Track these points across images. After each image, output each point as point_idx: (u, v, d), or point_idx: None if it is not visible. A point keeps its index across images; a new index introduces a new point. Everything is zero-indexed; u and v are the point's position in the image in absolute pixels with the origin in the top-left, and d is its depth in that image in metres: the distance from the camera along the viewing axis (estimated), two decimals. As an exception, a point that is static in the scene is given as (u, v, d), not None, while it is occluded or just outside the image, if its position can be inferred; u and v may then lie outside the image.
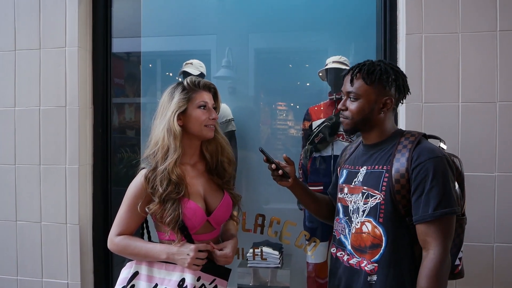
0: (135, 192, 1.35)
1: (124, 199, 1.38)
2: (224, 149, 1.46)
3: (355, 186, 1.31)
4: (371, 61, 1.30)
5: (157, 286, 1.34)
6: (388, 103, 1.27)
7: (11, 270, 2.29)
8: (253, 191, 2.78)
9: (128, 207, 1.36)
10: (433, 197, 1.16)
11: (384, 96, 1.26)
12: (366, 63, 1.29)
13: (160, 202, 1.31)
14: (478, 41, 1.85)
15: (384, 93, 1.26)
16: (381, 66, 1.27)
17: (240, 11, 3.11)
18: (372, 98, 1.26)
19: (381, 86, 1.26)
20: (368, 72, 1.26)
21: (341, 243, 1.35)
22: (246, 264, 2.60)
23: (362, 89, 1.26)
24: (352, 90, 1.27)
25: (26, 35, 2.24)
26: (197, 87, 1.39)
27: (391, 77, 1.26)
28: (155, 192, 1.31)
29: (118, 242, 1.37)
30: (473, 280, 1.83)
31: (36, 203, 2.25)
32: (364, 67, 1.27)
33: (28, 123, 2.25)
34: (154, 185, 1.32)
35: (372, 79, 1.25)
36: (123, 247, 1.36)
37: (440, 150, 1.23)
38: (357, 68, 1.29)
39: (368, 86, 1.26)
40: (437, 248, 1.15)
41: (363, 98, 1.26)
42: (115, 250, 1.38)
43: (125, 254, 1.38)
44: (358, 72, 1.27)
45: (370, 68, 1.26)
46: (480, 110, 1.85)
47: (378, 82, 1.25)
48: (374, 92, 1.26)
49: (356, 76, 1.27)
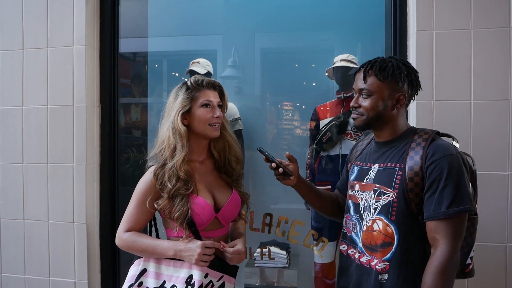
0: (144, 189, 1.35)
1: (133, 195, 1.38)
2: (232, 147, 1.46)
3: (366, 184, 1.30)
4: (382, 58, 1.29)
5: (165, 283, 1.34)
6: (401, 99, 1.26)
7: (19, 268, 2.29)
8: (261, 190, 2.76)
9: (137, 203, 1.36)
10: (447, 195, 1.14)
11: (397, 92, 1.25)
12: (378, 59, 1.28)
13: (168, 198, 1.31)
14: (491, 37, 1.83)
15: (397, 89, 1.25)
16: (392, 62, 1.26)
17: (246, 10, 3.10)
18: (385, 94, 1.25)
19: (394, 82, 1.25)
20: (381, 68, 1.25)
21: (353, 241, 1.33)
22: (253, 264, 2.59)
23: (375, 86, 1.25)
24: (365, 87, 1.26)
25: (34, 34, 2.25)
26: (201, 86, 1.39)
27: (403, 73, 1.25)
28: (164, 188, 1.32)
29: (126, 238, 1.36)
30: (486, 280, 1.81)
31: (43, 201, 2.25)
32: (376, 63, 1.26)
33: (36, 121, 2.25)
34: (163, 181, 1.32)
35: (385, 75, 1.24)
36: (131, 243, 1.35)
37: (454, 148, 1.22)
38: (368, 65, 1.27)
39: (381, 82, 1.25)
40: (445, 246, 1.13)
41: (376, 95, 1.25)
42: (122, 246, 1.38)
43: (132, 251, 1.37)
44: (370, 69, 1.26)
45: (382, 64, 1.25)
46: (493, 108, 1.83)
47: (391, 78, 1.24)
48: (387, 88, 1.25)
49: (369, 72, 1.26)
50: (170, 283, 1.33)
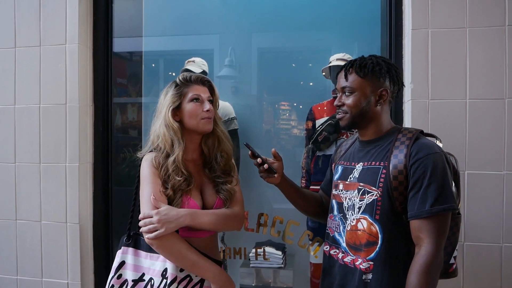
0: (151, 171, 1.33)
1: (143, 180, 1.34)
2: (222, 143, 1.45)
3: (350, 183, 1.30)
4: (362, 56, 1.32)
5: (144, 275, 1.33)
6: (384, 95, 1.28)
7: (11, 269, 2.27)
8: (256, 190, 2.75)
9: (151, 183, 1.32)
10: (431, 194, 1.14)
11: (378, 88, 1.28)
12: (358, 58, 1.32)
13: (172, 190, 1.31)
14: (486, 36, 1.81)
15: (378, 85, 1.28)
16: (372, 59, 1.30)
17: (243, 10, 3.10)
18: (367, 90, 1.27)
19: (374, 78, 1.27)
20: (361, 65, 1.28)
21: (335, 241, 1.33)
22: (249, 264, 2.58)
23: (356, 82, 1.28)
24: (347, 84, 1.29)
25: (26, 32, 2.22)
26: (189, 81, 1.40)
27: (383, 69, 1.28)
28: (170, 180, 1.31)
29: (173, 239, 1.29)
30: (481, 280, 1.79)
31: (36, 202, 2.22)
32: (356, 62, 1.30)
33: (28, 121, 2.23)
34: (168, 173, 1.32)
35: (365, 72, 1.27)
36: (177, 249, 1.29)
37: (438, 147, 1.23)
38: (349, 64, 1.31)
39: (362, 79, 1.27)
40: (430, 245, 1.13)
41: (358, 91, 1.28)
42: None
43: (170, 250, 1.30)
44: (351, 67, 1.29)
45: (362, 62, 1.29)
46: (488, 107, 1.81)
47: (371, 74, 1.27)
48: (368, 85, 1.27)
49: (349, 71, 1.30)
50: (148, 276, 1.32)
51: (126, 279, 1.34)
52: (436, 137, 1.34)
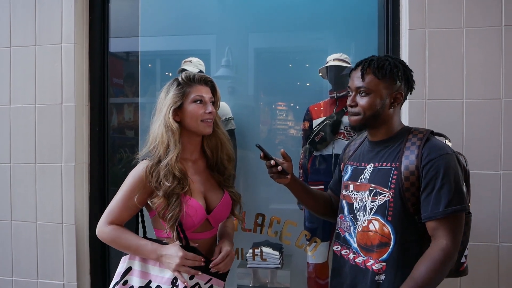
0: (134, 183, 1.31)
1: (121, 188, 1.34)
2: (224, 145, 1.43)
3: (361, 184, 1.28)
4: (378, 56, 1.28)
5: (151, 282, 1.31)
6: (399, 98, 1.26)
7: (6, 270, 2.25)
8: (253, 190, 2.74)
9: (125, 197, 1.32)
10: (444, 195, 1.14)
11: (394, 91, 1.25)
12: (374, 58, 1.27)
13: (164, 197, 1.27)
14: (483, 36, 1.82)
15: (394, 87, 1.25)
16: (389, 60, 1.26)
17: (240, 10, 3.09)
18: (383, 93, 1.24)
19: (391, 81, 1.24)
20: (379, 66, 1.24)
21: (346, 241, 1.32)
22: (246, 264, 2.57)
23: (373, 84, 1.24)
24: (363, 85, 1.25)
25: (22, 32, 2.21)
26: (192, 81, 1.36)
27: (400, 71, 1.25)
28: (161, 186, 1.28)
29: (109, 231, 1.32)
30: (478, 279, 1.80)
31: (31, 202, 2.21)
32: (373, 61, 1.25)
33: (24, 121, 2.21)
34: (159, 179, 1.28)
35: (383, 74, 1.23)
36: (114, 237, 1.31)
37: (449, 147, 1.22)
38: (366, 63, 1.26)
39: (379, 81, 1.24)
40: (447, 241, 1.13)
41: (374, 93, 1.24)
42: (104, 239, 1.33)
43: (114, 244, 1.33)
44: (368, 67, 1.25)
45: (380, 63, 1.24)
46: (485, 106, 1.82)
47: (389, 76, 1.23)
48: (385, 87, 1.24)
49: (366, 71, 1.25)
50: (156, 283, 1.30)
51: (132, 286, 1.32)
52: (445, 137, 1.33)
